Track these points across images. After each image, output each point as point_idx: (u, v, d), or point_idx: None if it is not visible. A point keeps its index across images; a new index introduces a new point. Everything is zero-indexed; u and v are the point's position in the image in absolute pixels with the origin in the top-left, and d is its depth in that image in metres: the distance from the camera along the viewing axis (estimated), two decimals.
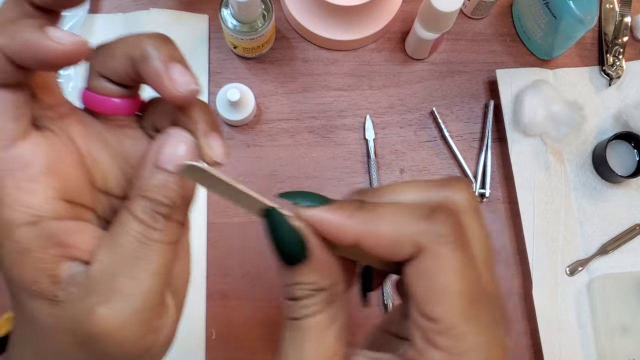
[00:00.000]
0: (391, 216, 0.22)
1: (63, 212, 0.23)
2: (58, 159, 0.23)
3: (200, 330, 0.57)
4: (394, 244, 0.21)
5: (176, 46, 0.24)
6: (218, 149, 0.24)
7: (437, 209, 0.22)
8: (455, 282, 0.21)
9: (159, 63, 0.22)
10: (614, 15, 0.69)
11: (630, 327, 0.59)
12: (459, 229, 0.22)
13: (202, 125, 0.24)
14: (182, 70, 0.22)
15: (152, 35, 0.23)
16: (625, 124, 0.64)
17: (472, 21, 0.69)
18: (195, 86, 0.23)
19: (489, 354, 0.22)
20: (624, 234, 0.63)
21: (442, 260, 0.21)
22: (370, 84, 0.66)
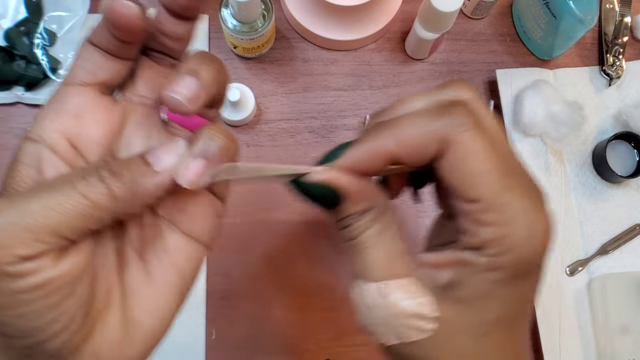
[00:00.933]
0: (411, 123, 0.24)
1: (61, 150, 0.25)
2: (92, 114, 0.26)
3: (200, 330, 0.57)
4: (421, 146, 0.24)
5: (218, 70, 0.25)
6: (187, 170, 0.24)
7: (450, 105, 0.24)
8: (486, 162, 0.23)
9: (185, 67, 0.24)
10: (614, 15, 0.69)
11: (630, 327, 0.59)
12: (474, 116, 0.24)
13: (198, 146, 0.24)
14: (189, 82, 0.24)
15: (209, 55, 0.25)
16: (625, 124, 0.64)
17: (472, 21, 0.69)
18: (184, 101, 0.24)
19: (535, 215, 0.24)
20: (624, 234, 0.63)
21: (468, 146, 0.23)
22: (370, 84, 0.66)
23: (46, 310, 0.22)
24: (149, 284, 0.26)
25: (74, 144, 0.25)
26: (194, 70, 0.24)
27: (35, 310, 0.22)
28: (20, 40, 0.62)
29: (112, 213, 0.23)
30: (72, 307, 0.23)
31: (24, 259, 0.21)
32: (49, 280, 0.22)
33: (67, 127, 0.25)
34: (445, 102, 0.25)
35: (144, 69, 0.27)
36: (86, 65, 0.25)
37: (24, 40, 0.62)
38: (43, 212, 0.21)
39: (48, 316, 0.22)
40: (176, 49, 0.27)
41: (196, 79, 0.24)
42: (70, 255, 0.22)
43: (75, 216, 0.22)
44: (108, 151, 0.26)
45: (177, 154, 0.24)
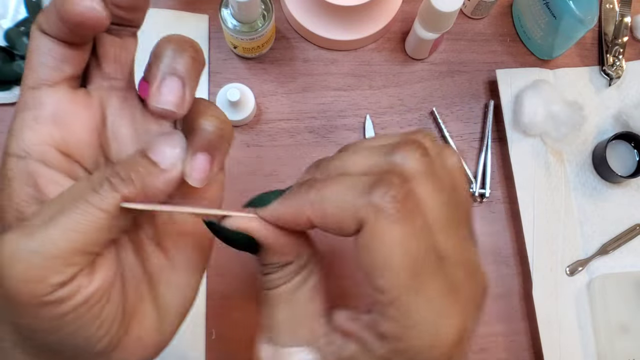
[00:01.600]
0: (334, 194, 0.22)
1: (53, 161, 0.24)
2: (72, 115, 0.24)
3: (200, 330, 0.57)
4: (339, 221, 0.22)
5: (194, 57, 0.24)
6: (193, 171, 0.24)
7: (379, 181, 0.21)
8: (395, 256, 0.21)
9: (160, 69, 0.23)
10: (614, 15, 0.69)
11: (630, 327, 0.59)
12: (401, 200, 0.21)
13: (198, 141, 0.24)
14: (173, 86, 0.23)
15: (177, 38, 0.24)
16: (625, 124, 0.64)
17: (472, 21, 0.69)
18: (174, 109, 0.23)
19: (445, 322, 0.21)
20: (624, 234, 0.63)
21: (381, 235, 0.21)
22: (370, 84, 0.66)
23: (91, 322, 0.22)
24: (172, 268, 0.27)
25: (62, 150, 0.24)
26: (172, 69, 0.23)
27: (81, 326, 0.22)
28: (20, 40, 0.62)
29: (130, 218, 0.23)
30: (112, 312, 0.23)
31: (60, 286, 0.21)
32: (89, 297, 0.22)
33: (52, 136, 0.24)
34: (380, 173, 0.22)
35: (107, 46, 0.25)
36: (48, 61, 0.24)
37: (24, 40, 0.62)
38: (66, 236, 0.21)
39: (93, 327, 0.22)
40: (134, 19, 0.25)
41: (178, 79, 0.23)
42: (100, 267, 0.23)
43: (96, 231, 0.22)
44: (99, 149, 0.26)
45: (180, 147, 0.24)
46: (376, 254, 0.21)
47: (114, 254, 0.24)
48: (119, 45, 0.26)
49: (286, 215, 0.23)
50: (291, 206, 0.23)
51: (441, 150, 0.24)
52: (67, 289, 0.21)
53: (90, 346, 0.23)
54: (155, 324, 0.26)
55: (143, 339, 0.25)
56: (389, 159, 0.22)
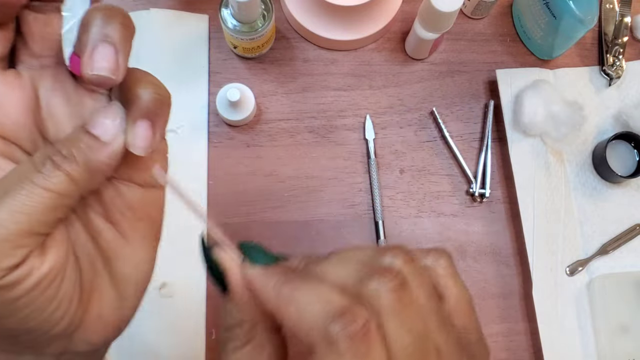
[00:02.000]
0: (303, 303, 0.21)
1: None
2: (5, 97, 0.24)
3: (200, 330, 0.57)
4: (295, 331, 0.21)
5: (124, 24, 0.23)
6: (136, 139, 0.23)
7: (343, 312, 0.20)
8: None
9: (91, 37, 0.23)
10: (614, 15, 0.69)
11: (630, 327, 0.59)
12: (358, 338, 0.20)
13: (137, 108, 0.23)
14: (106, 53, 0.22)
15: (105, 6, 0.23)
16: (625, 124, 0.64)
17: (472, 21, 0.69)
18: (109, 74, 0.22)
19: None
20: (624, 234, 0.63)
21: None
22: (370, 84, 0.66)
23: (46, 303, 0.22)
24: (125, 243, 0.26)
25: (0, 134, 0.24)
26: (103, 36, 0.23)
27: (36, 308, 0.22)
28: None
29: (77, 196, 0.23)
30: (67, 291, 0.23)
31: (11, 269, 0.21)
32: (42, 277, 0.22)
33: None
34: (352, 297, 0.21)
35: (30, 23, 0.25)
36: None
37: None
38: (12, 218, 0.21)
39: (49, 309, 0.22)
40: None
41: (111, 45, 0.23)
42: (51, 247, 0.23)
43: (44, 211, 0.22)
44: (36, 129, 0.25)
45: (119, 117, 0.23)
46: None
47: (64, 233, 0.24)
48: (43, 21, 0.25)
49: (258, 290, 0.23)
50: (265, 287, 0.23)
51: (441, 276, 0.24)
52: (18, 271, 0.21)
53: (48, 329, 0.23)
54: (114, 300, 0.26)
55: (104, 317, 0.25)
56: (363, 287, 0.21)
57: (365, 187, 0.63)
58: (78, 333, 0.24)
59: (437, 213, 0.63)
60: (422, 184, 0.64)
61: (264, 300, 0.23)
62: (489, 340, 0.67)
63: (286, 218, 0.62)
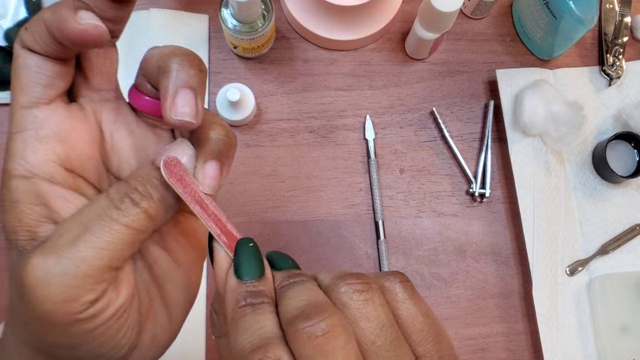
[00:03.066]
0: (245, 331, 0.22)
1: (59, 178, 0.24)
2: (72, 130, 0.25)
3: (200, 330, 0.57)
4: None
5: (201, 69, 0.24)
6: (206, 179, 0.24)
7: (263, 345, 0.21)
8: None
9: (172, 82, 0.23)
10: (614, 15, 0.69)
11: (630, 327, 0.59)
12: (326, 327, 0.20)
13: (209, 150, 0.25)
14: (188, 99, 0.23)
15: (183, 51, 0.24)
16: (625, 124, 0.64)
17: (472, 21, 0.69)
18: (191, 119, 0.23)
19: None
20: (624, 234, 0.63)
21: None
22: (370, 84, 0.66)
23: (117, 332, 0.23)
24: (177, 268, 0.27)
25: (66, 167, 0.24)
26: (185, 82, 0.24)
27: (109, 337, 0.23)
28: None
29: (152, 230, 0.24)
30: (134, 319, 0.24)
31: (92, 303, 0.22)
32: (118, 309, 0.23)
33: (56, 153, 0.24)
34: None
35: (91, 59, 0.25)
36: (40, 79, 0.23)
37: None
38: (96, 254, 0.22)
39: (118, 336, 0.24)
40: (116, 30, 0.25)
41: (192, 91, 0.24)
42: (123, 279, 0.24)
43: (123, 247, 0.23)
44: (100, 161, 0.26)
45: (189, 154, 0.25)
46: None
47: (132, 266, 0.25)
48: (102, 56, 0.26)
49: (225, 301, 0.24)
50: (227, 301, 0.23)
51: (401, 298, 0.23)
52: (99, 305, 0.22)
53: (113, 354, 0.24)
54: (165, 321, 0.27)
55: (157, 337, 0.26)
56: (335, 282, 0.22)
57: (365, 187, 0.63)
58: (134, 353, 0.25)
59: (437, 213, 0.63)
60: (422, 184, 0.64)
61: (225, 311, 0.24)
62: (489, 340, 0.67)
63: (286, 218, 0.62)
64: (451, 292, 0.61)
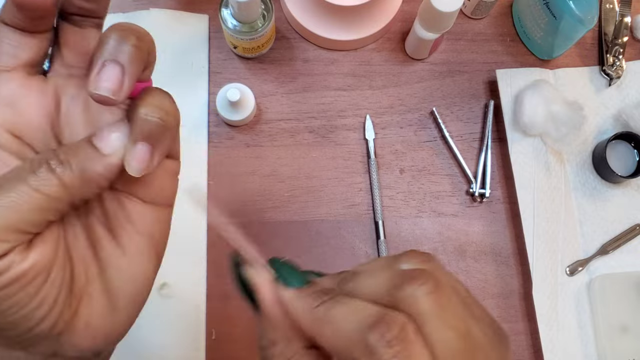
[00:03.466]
0: (338, 321, 0.22)
1: (4, 143, 0.24)
2: (25, 98, 0.25)
3: (200, 330, 0.57)
4: (334, 348, 0.22)
5: (137, 46, 0.24)
6: (132, 160, 0.24)
7: (380, 320, 0.20)
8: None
9: (100, 56, 0.23)
10: (614, 15, 0.69)
11: (630, 327, 0.59)
12: (399, 344, 0.20)
13: (137, 130, 0.24)
14: (112, 74, 0.23)
15: (121, 27, 0.24)
16: (625, 124, 0.64)
17: (472, 21, 0.69)
18: (111, 95, 0.23)
19: None
20: (624, 234, 0.63)
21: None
22: (370, 84, 0.66)
23: (26, 300, 0.23)
24: (122, 255, 0.27)
25: (14, 133, 0.25)
26: (112, 55, 0.23)
27: (15, 303, 0.22)
28: None
29: (67, 201, 0.23)
30: (51, 292, 0.23)
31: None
32: (21, 274, 0.22)
33: (3, 119, 0.24)
34: (388, 305, 0.21)
35: (68, 35, 0.26)
36: (4, 48, 0.24)
37: None
38: (0, 213, 0.22)
39: (30, 305, 0.23)
40: (96, 10, 0.26)
41: (117, 66, 0.23)
42: (37, 246, 0.23)
43: (31, 211, 0.22)
44: (51, 134, 0.26)
45: (123, 134, 0.24)
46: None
47: (56, 235, 0.24)
48: (79, 34, 0.26)
49: (292, 311, 0.24)
50: (299, 309, 0.23)
51: (454, 282, 0.24)
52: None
53: (30, 326, 0.23)
54: (104, 310, 0.26)
55: (92, 325, 0.25)
56: (397, 294, 0.22)
57: (365, 187, 0.63)
58: (65, 336, 0.25)
59: (437, 213, 0.63)
60: (422, 184, 0.64)
61: (299, 322, 0.23)
62: None
63: (286, 218, 0.62)
64: None
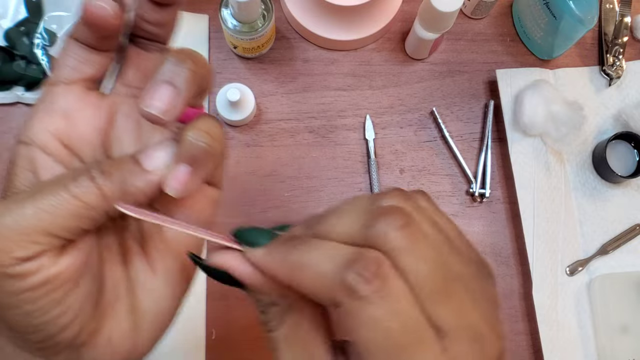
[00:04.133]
0: (313, 265, 0.21)
1: (53, 150, 0.25)
2: (80, 112, 0.26)
3: (200, 330, 0.57)
4: (315, 294, 0.21)
5: (192, 69, 0.24)
6: (172, 180, 0.24)
7: (355, 259, 0.20)
8: (373, 339, 0.20)
9: (156, 76, 0.24)
10: (614, 15, 0.69)
11: (630, 327, 0.59)
12: (376, 280, 0.20)
13: (182, 152, 0.24)
14: (163, 93, 0.23)
15: (179, 50, 0.25)
16: (625, 124, 0.64)
17: (472, 21, 0.69)
18: (159, 114, 0.23)
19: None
20: (624, 234, 0.63)
21: (357, 317, 0.20)
22: (370, 84, 0.66)
23: (51, 305, 0.23)
24: (153, 275, 0.27)
25: (65, 143, 0.25)
26: (167, 77, 0.24)
27: (40, 307, 0.23)
28: (20, 40, 0.62)
29: (104, 212, 0.24)
30: (77, 301, 0.24)
31: (22, 261, 0.22)
32: (49, 278, 0.22)
33: (57, 128, 0.25)
34: (362, 244, 0.21)
35: (133, 57, 0.27)
36: (70, 61, 0.26)
37: (24, 40, 0.62)
38: (36, 215, 0.22)
39: (54, 311, 0.23)
40: (161, 35, 0.27)
41: (171, 87, 0.24)
42: (68, 253, 0.23)
43: (67, 217, 0.23)
44: (101, 148, 0.27)
45: (167, 153, 0.25)
46: (356, 335, 0.20)
47: (90, 246, 0.25)
48: (144, 57, 0.27)
49: (267, 269, 0.23)
50: (273, 262, 0.23)
51: (431, 211, 0.24)
52: (28, 265, 0.22)
53: (52, 332, 0.23)
54: (128, 328, 0.26)
55: (113, 342, 0.25)
56: (369, 232, 0.21)
57: (365, 187, 0.63)
58: (85, 350, 0.25)
59: None
60: (422, 184, 0.64)
61: (277, 276, 0.23)
62: None
63: (286, 218, 0.62)
64: None
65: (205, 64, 0.26)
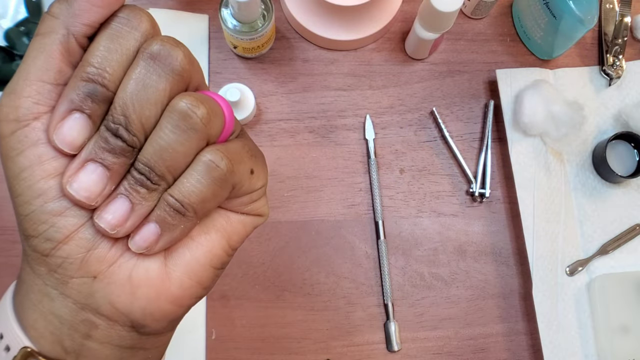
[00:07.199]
0: None
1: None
2: None
3: (200, 330, 0.57)
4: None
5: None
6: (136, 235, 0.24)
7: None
8: None
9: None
10: (614, 15, 0.69)
11: (630, 327, 0.59)
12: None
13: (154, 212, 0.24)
14: (120, 209, 0.23)
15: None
16: (625, 124, 0.64)
17: (472, 21, 0.69)
18: (109, 232, 0.23)
19: None
20: (624, 234, 0.63)
21: None
22: (370, 84, 0.66)
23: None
24: (200, 230, 0.26)
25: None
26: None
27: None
28: (20, 40, 0.62)
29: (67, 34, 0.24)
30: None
31: (33, 104, 0.23)
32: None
33: None
34: None
35: None
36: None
37: (24, 40, 0.62)
38: (32, 64, 0.23)
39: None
40: None
41: (127, 202, 0.23)
42: None
43: (54, 54, 0.23)
44: None
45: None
46: None
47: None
48: None
49: None
50: None
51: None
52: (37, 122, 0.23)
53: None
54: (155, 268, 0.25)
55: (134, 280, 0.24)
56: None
57: (365, 187, 0.63)
58: (99, 283, 0.24)
59: (437, 213, 0.63)
60: (422, 184, 0.64)
61: None
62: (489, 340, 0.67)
63: (286, 218, 0.62)
64: (451, 292, 0.61)
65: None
